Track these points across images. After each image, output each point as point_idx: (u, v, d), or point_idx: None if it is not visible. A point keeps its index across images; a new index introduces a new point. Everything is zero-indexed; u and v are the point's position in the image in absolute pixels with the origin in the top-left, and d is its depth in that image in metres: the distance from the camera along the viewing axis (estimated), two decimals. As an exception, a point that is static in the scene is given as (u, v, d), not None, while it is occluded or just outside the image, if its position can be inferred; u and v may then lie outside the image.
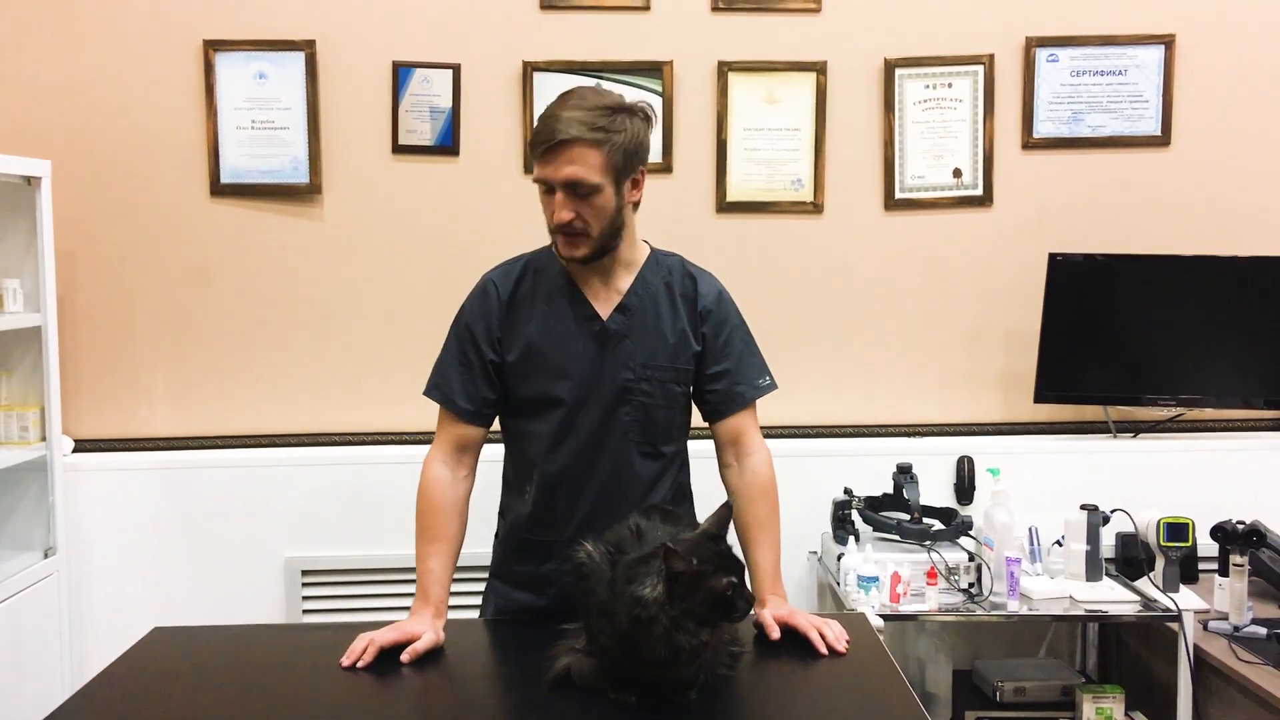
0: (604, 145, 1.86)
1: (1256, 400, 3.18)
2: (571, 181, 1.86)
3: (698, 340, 2.03)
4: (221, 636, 1.96)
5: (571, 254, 1.93)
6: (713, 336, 2.03)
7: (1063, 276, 3.11)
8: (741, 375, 2.04)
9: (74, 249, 3.12)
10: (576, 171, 1.85)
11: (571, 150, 1.85)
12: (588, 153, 1.86)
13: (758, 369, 2.07)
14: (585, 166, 1.86)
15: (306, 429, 3.20)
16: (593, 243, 1.92)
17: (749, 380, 2.05)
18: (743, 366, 2.05)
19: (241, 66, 3.10)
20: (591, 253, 1.94)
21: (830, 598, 2.97)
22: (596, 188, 1.87)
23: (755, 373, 2.07)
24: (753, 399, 2.05)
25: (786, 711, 1.56)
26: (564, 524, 2.00)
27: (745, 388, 2.04)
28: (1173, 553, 2.77)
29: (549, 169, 1.87)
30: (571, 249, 1.93)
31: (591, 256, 1.94)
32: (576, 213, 1.88)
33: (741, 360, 2.05)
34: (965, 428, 3.26)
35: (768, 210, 3.20)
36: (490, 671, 1.83)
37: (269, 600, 3.12)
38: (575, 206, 1.88)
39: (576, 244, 1.92)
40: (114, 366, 3.17)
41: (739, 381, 2.04)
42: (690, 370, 2.03)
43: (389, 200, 3.17)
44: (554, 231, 1.94)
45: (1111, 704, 2.78)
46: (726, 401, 2.03)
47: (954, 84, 3.18)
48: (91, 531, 3.10)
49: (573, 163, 1.85)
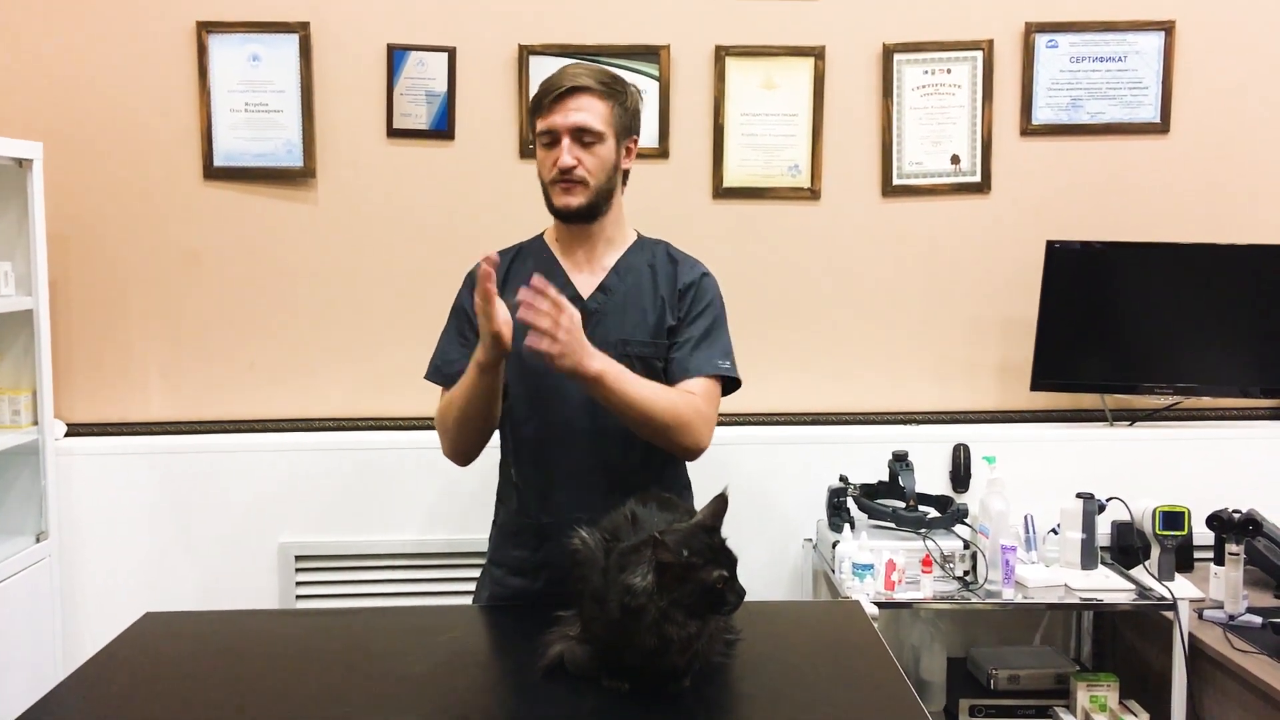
0: (610, 99, 1.97)
1: (1253, 389, 3.17)
2: (579, 128, 1.94)
3: (674, 316, 2.04)
4: (214, 622, 1.95)
5: (567, 202, 1.97)
6: (686, 310, 2.05)
7: (1060, 264, 3.10)
8: (701, 350, 2.02)
9: (66, 232, 3.10)
10: (585, 118, 1.94)
11: (581, 98, 1.94)
12: (596, 102, 1.95)
13: (720, 351, 2.04)
14: (593, 114, 1.95)
15: (300, 414, 3.19)
16: (590, 193, 1.97)
17: (708, 357, 2.02)
18: (705, 343, 2.03)
19: (235, 48, 3.08)
20: (587, 203, 1.98)
21: (825, 585, 2.97)
22: (600, 136, 1.96)
23: (717, 353, 2.04)
24: (706, 374, 2.00)
25: (780, 699, 1.56)
26: (554, 504, 2.01)
27: (700, 362, 2.01)
28: (1168, 541, 2.78)
29: (556, 116, 1.94)
30: (569, 197, 1.97)
31: (586, 209, 1.98)
32: (579, 160, 1.94)
33: (706, 337, 2.04)
34: (961, 415, 3.26)
35: (765, 196, 3.19)
36: (484, 658, 1.83)
37: (262, 586, 3.11)
38: (578, 154, 1.94)
39: (574, 192, 1.96)
40: (107, 350, 3.15)
41: (697, 353, 2.02)
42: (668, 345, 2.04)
43: (383, 184, 3.15)
44: (552, 182, 1.97)
45: (1105, 692, 2.78)
46: (680, 371, 2.01)
47: (953, 70, 3.17)
48: (84, 516, 3.09)
49: (581, 110, 1.94)
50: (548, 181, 1.99)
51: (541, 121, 1.97)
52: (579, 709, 1.52)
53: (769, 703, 1.56)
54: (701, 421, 1.96)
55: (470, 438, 1.99)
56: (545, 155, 1.98)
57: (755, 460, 3.15)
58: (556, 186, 1.97)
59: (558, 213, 2.01)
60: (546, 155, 1.98)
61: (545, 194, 2.02)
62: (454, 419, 1.97)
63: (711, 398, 2.01)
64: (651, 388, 1.92)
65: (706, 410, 1.98)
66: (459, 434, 1.99)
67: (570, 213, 1.99)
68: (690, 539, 1.48)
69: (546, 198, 2.02)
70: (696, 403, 1.96)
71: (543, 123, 1.97)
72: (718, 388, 2.03)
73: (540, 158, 2.00)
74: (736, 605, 1.51)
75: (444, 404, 2.02)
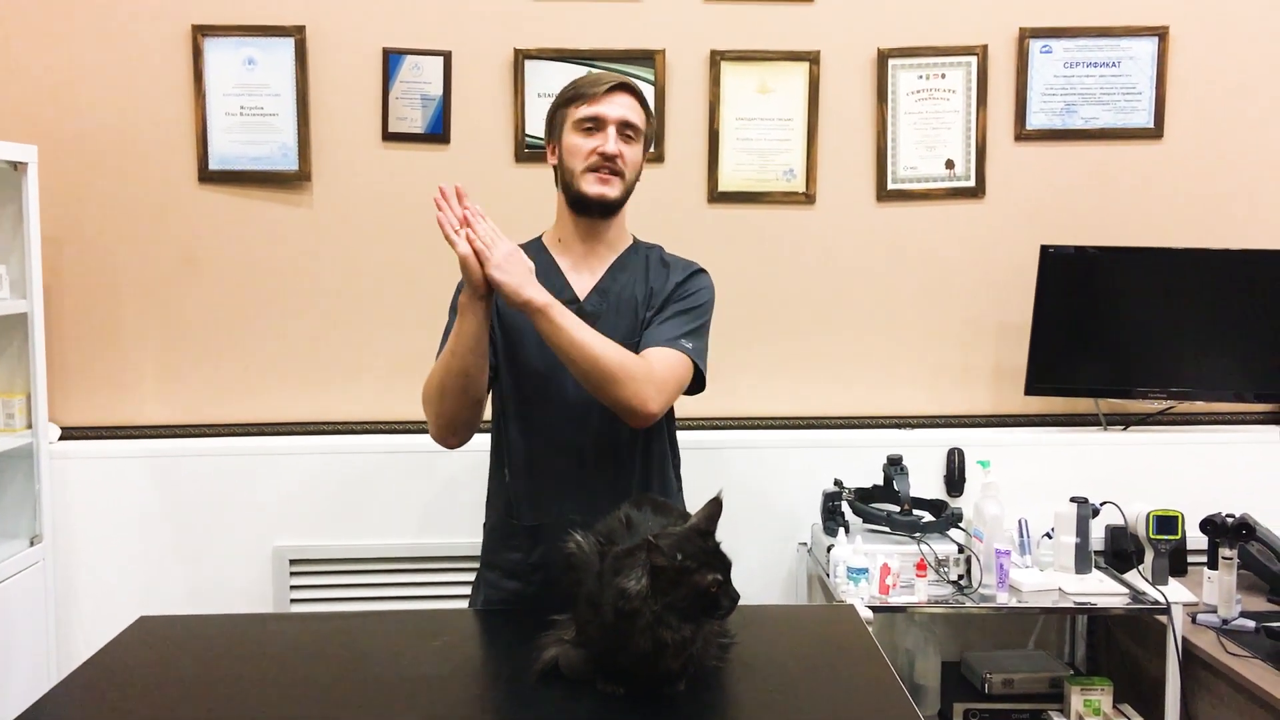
0: (644, 109, 2.07)
1: (1247, 394, 3.18)
2: (626, 122, 2.01)
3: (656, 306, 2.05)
4: (208, 625, 1.95)
5: (604, 193, 2.01)
6: (670, 296, 2.05)
7: (1055, 269, 3.11)
8: (668, 325, 2.01)
9: (61, 235, 3.09)
10: (631, 115, 2.02)
11: (628, 96, 2.02)
12: (638, 105, 2.04)
13: (684, 332, 2.01)
14: (636, 114, 2.03)
15: (295, 417, 3.19)
16: (624, 187, 2.03)
17: (669, 333, 1.99)
18: (674, 320, 2.01)
19: (230, 52, 3.08)
20: (619, 198, 2.03)
21: (820, 589, 2.97)
22: (640, 134, 2.04)
23: (680, 332, 2.00)
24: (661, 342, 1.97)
25: (774, 703, 1.56)
26: (546, 505, 2.02)
27: (660, 334, 1.99)
28: (1162, 545, 2.78)
29: (603, 106, 2.00)
30: (605, 187, 2.00)
31: (616, 203, 2.03)
32: (621, 152, 2.00)
33: (676, 316, 2.02)
34: (956, 419, 3.26)
35: (760, 200, 3.19)
36: (478, 662, 1.83)
37: (257, 590, 3.11)
38: (621, 146, 2.00)
39: (611, 182, 2.01)
40: (101, 354, 3.15)
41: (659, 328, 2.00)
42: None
43: (379, 188, 3.15)
44: (589, 170, 2.00)
45: (1099, 696, 2.79)
46: (644, 341, 1.99)
47: (947, 75, 3.17)
48: (78, 519, 3.08)
49: (629, 108, 2.02)
50: (582, 169, 1.99)
51: (587, 107, 1.99)
52: (574, 713, 1.52)
53: (763, 707, 1.56)
54: (649, 382, 1.89)
55: (455, 399, 1.93)
56: (584, 141, 2.00)
57: (750, 464, 3.15)
58: (592, 175, 1.99)
59: (587, 202, 2.00)
60: (585, 141, 2.00)
61: (570, 183, 2.01)
62: (439, 379, 1.94)
63: (669, 367, 1.95)
64: (602, 338, 1.89)
65: (659, 375, 1.92)
66: (443, 398, 1.94)
67: (603, 203, 2.01)
68: (684, 543, 1.48)
69: (571, 186, 2.01)
70: (648, 364, 1.92)
71: (589, 108, 1.99)
72: (679, 362, 1.96)
73: (575, 144, 2.00)
74: (731, 609, 1.51)
75: (428, 378, 1.99)
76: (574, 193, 2.02)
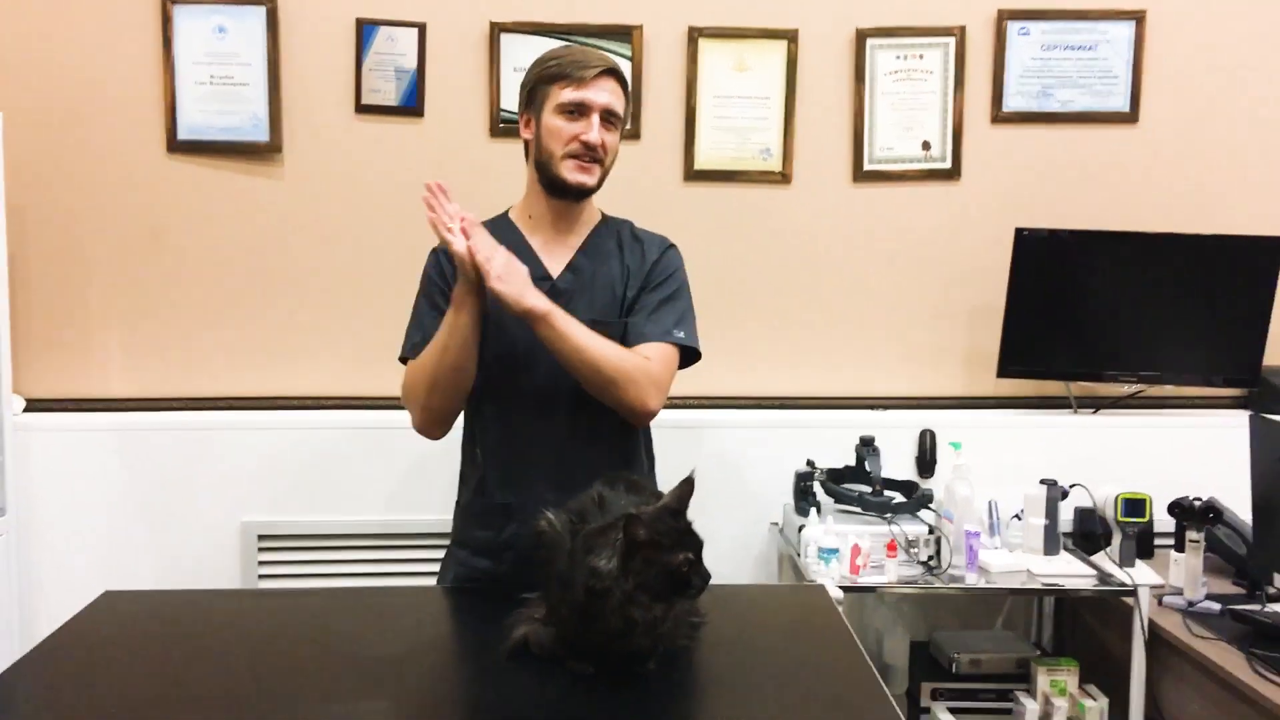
0: (625, 92, 2.03)
1: (1216, 378, 3.20)
2: (609, 110, 1.98)
3: (635, 289, 2.05)
4: (174, 601, 1.93)
5: (584, 180, 1.99)
6: (647, 279, 2.05)
7: (1029, 251, 3.11)
8: (657, 316, 2.02)
9: (24, 204, 3.04)
10: (616, 102, 2.00)
11: (612, 81, 1.99)
12: (621, 90, 2.01)
13: (675, 319, 2.03)
14: (619, 100, 2.00)
15: (264, 392, 3.16)
16: (601, 174, 2.01)
17: (662, 324, 2.01)
18: (661, 310, 2.03)
19: (200, 20, 3.03)
20: (595, 185, 2.01)
21: (790, 569, 2.97)
22: (621, 122, 2.02)
23: (671, 321, 2.03)
24: (657, 339, 1.99)
25: (744, 682, 1.56)
26: (519, 483, 2.01)
27: (654, 328, 2.01)
28: (1130, 528, 2.80)
29: (590, 91, 1.96)
30: (585, 175, 1.99)
31: (592, 188, 2.02)
32: (603, 140, 1.98)
33: (663, 304, 2.04)
34: (928, 401, 3.27)
35: (736, 179, 3.18)
36: (448, 640, 1.82)
37: (224, 565, 3.08)
38: (603, 135, 1.98)
39: (591, 170, 1.99)
40: (67, 325, 3.10)
41: (651, 319, 2.02)
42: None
43: (351, 161, 3.11)
44: (568, 155, 1.97)
45: (1066, 676, 2.81)
46: (635, 336, 2.00)
47: (925, 55, 3.17)
48: (43, 492, 3.04)
49: (614, 94, 1.99)
50: (562, 155, 1.97)
51: (573, 91, 1.95)
52: (544, 691, 1.51)
53: (733, 686, 1.56)
54: (649, 383, 1.94)
55: (446, 393, 1.95)
56: (566, 125, 1.96)
57: (723, 443, 3.14)
58: (572, 161, 1.97)
59: (565, 187, 1.99)
60: (567, 125, 1.96)
61: (547, 164, 1.99)
62: (429, 373, 1.93)
63: (665, 362, 1.99)
64: (601, 340, 1.91)
65: (657, 373, 1.96)
66: (432, 392, 1.95)
67: (582, 190, 2.00)
68: (656, 521, 1.47)
69: (548, 169, 1.99)
70: (647, 365, 1.95)
71: (574, 93, 1.95)
72: (673, 355, 2.02)
73: (556, 126, 1.97)
74: (702, 588, 1.50)
75: (413, 367, 1.99)
76: (551, 175, 2.00)
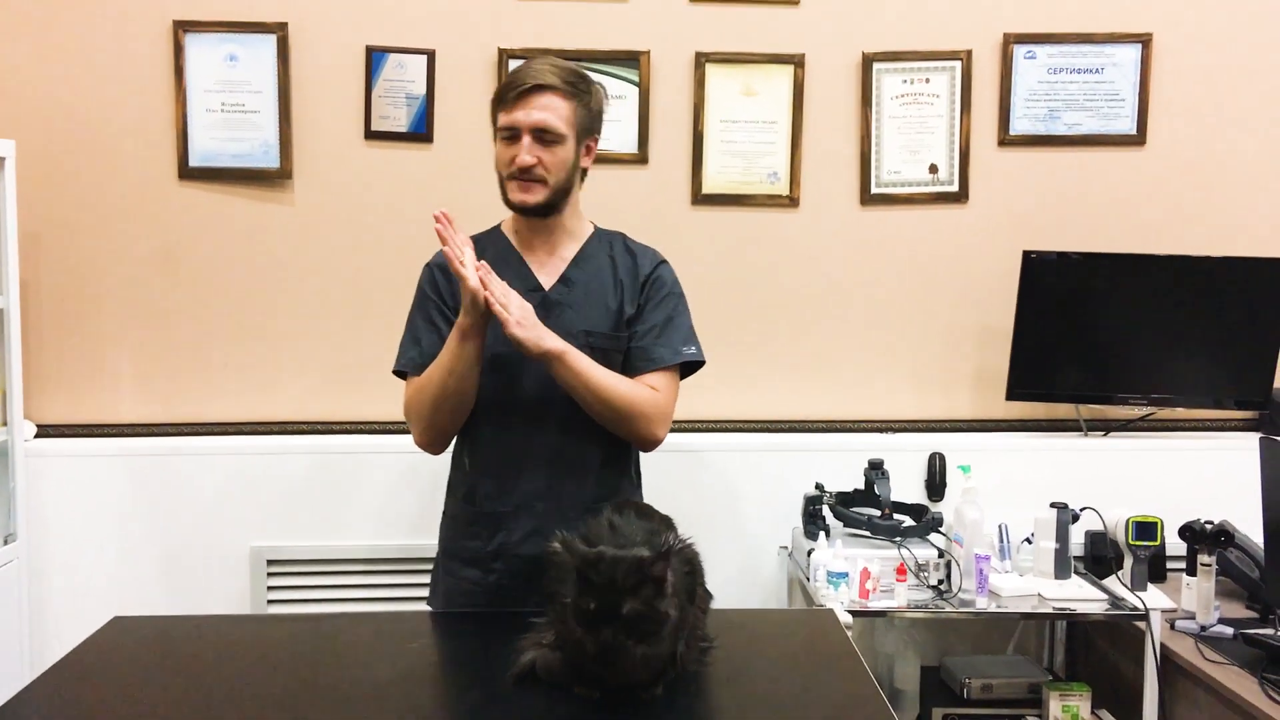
0: (574, 99, 1.98)
1: (1227, 400, 3.19)
2: (540, 128, 1.94)
3: (633, 306, 2.06)
4: (183, 626, 1.93)
5: (524, 199, 1.99)
6: (645, 299, 2.07)
7: (1037, 274, 3.11)
8: (664, 337, 2.05)
9: (38, 231, 3.06)
10: (547, 118, 1.94)
11: (545, 96, 1.94)
12: (559, 101, 1.95)
13: (683, 337, 2.07)
14: (555, 114, 1.95)
15: (274, 417, 3.16)
16: (547, 191, 1.98)
17: (670, 344, 2.05)
18: (668, 330, 2.06)
19: (212, 48, 3.05)
20: (543, 202, 1.99)
21: (800, 593, 2.96)
22: (561, 137, 1.96)
23: (679, 339, 2.06)
24: (670, 362, 2.04)
25: (752, 707, 1.55)
26: (507, 494, 2.03)
27: (665, 350, 2.04)
28: (1141, 552, 2.78)
29: (518, 112, 1.95)
30: (525, 194, 1.98)
31: (543, 206, 2.00)
32: (539, 159, 1.95)
33: (668, 324, 2.06)
34: (937, 424, 3.26)
35: (743, 203, 3.19)
36: (456, 664, 1.81)
37: (234, 590, 3.08)
38: (538, 153, 1.95)
39: (532, 190, 1.97)
40: (79, 351, 3.12)
41: (659, 343, 2.04)
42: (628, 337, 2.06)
43: (361, 187, 3.13)
44: (510, 178, 1.99)
45: (1078, 702, 2.79)
46: (643, 359, 2.03)
47: (931, 79, 3.18)
48: (53, 518, 3.05)
49: (544, 109, 1.94)
50: (505, 176, 2.01)
51: (504, 116, 1.98)
52: (551, 716, 1.51)
53: (741, 711, 1.55)
54: (659, 415, 2.01)
55: (450, 414, 1.99)
56: (505, 150, 1.99)
57: (731, 466, 3.14)
58: (514, 183, 1.99)
59: (514, 207, 2.03)
60: (506, 150, 1.99)
61: (501, 187, 2.03)
62: (432, 396, 1.97)
63: (672, 391, 2.05)
64: (613, 376, 1.96)
65: (665, 404, 2.02)
66: (437, 413, 1.99)
67: (526, 209, 2.01)
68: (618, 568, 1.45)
69: (503, 190, 2.03)
70: (656, 397, 2.01)
71: (505, 117, 1.98)
72: (677, 378, 2.07)
73: (499, 151, 2.01)
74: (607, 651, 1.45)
75: (417, 387, 2.02)
76: (504, 197, 2.04)
